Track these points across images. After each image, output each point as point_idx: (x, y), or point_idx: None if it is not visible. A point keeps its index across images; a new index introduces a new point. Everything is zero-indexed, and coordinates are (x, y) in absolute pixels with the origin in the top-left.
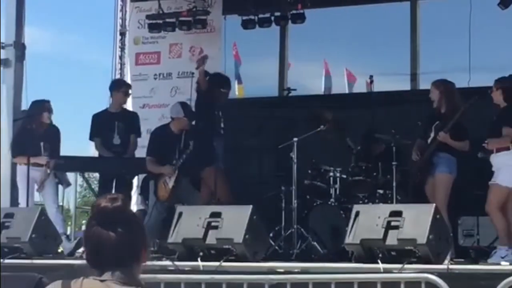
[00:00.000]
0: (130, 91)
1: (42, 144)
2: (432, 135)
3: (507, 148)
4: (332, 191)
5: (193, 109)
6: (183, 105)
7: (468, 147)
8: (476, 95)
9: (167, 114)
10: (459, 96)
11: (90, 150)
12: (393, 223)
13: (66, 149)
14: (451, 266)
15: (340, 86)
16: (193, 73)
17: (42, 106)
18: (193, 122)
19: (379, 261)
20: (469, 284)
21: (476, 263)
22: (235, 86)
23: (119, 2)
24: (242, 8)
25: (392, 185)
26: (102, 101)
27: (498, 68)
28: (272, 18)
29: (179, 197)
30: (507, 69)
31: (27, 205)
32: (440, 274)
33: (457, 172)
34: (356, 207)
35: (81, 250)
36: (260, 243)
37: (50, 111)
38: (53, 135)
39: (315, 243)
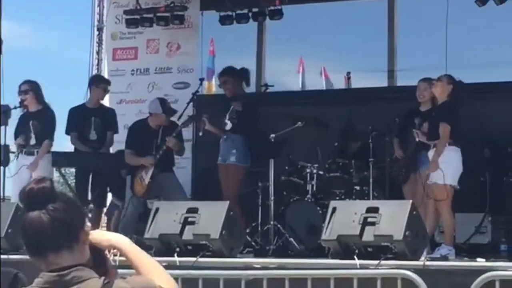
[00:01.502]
0: (109, 88)
1: (31, 122)
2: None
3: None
4: (309, 187)
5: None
6: (162, 101)
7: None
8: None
9: (144, 109)
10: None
11: (67, 145)
12: (369, 219)
13: None
14: (427, 263)
15: (317, 83)
16: (170, 69)
17: (19, 88)
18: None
19: (355, 257)
20: (445, 281)
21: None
22: (205, 83)
23: None
24: (219, 4)
25: (369, 181)
26: (79, 96)
27: (475, 65)
28: (250, 14)
29: (156, 192)
30: (484, 66)
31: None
32: (416, 270)
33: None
34: (332, 203)
35: None
36: (236, 239)
37: (25, 92)
38: (42, 117)
39: (291, 239)
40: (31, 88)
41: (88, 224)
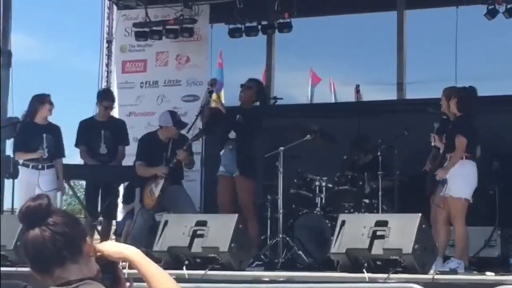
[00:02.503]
0: (113, 106)
1: (44, 135)
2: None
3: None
4: (318, 200)
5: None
6: (172, 114)
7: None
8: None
9: (153, 122)
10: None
11: (77, 157)
12: (378, 233)
13: None
14: (436, 276)
15: (327, 95)
16: (179, 81)
17: (43, 99)
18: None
19: (364, 270)
20: None
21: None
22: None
23: (106, 10)
24: (229, 17)
25: (378, 194)
26: (89, 109)
27: (484, 77)
28: (259, 27)
29: (165, 205)
30: (494, 79)
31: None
32: (425, 284)
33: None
34: (341, 217)
35: None
36: (245, 252)
37: (51, 104)
38: (53, 131)
39: (300, 252)
40: (52, 102)
41: (96, 236)
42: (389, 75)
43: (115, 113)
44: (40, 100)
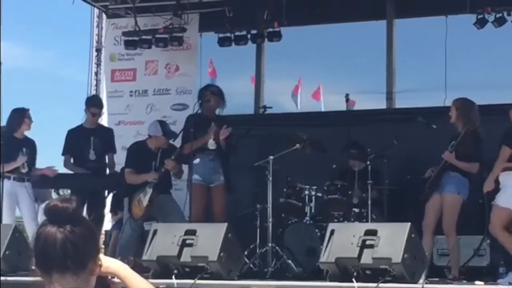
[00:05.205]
0: (101, 113)
1: (24, 149)
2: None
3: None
4: (307, 209)
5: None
6: (162, 123)
7: (476, 169)
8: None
9: (142, 131)
10: (476, 115)
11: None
12: (368, 242)
13: (40, 165)
14: (425, 286)
15: (314, 104)
16: (168, 90)
17: (23, 113)
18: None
19: (354, 280)
20: None
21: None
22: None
23: (95, 19)
24: (218, 25)
25: (367, 203)
26: (77, 118)
27: (474, 86)
28: (249, 35)
29: (154, 215)
30: (483, 87)
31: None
32: None
33: (468, 193)
34: (331, 226)
35: None
36: (235, 261)
37: (30, 118)
38: (30, 146)
39: (290, 261)
40: (31, 116)
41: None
42: (379, 84)
43: (104, 122)
44: (21, 115)
